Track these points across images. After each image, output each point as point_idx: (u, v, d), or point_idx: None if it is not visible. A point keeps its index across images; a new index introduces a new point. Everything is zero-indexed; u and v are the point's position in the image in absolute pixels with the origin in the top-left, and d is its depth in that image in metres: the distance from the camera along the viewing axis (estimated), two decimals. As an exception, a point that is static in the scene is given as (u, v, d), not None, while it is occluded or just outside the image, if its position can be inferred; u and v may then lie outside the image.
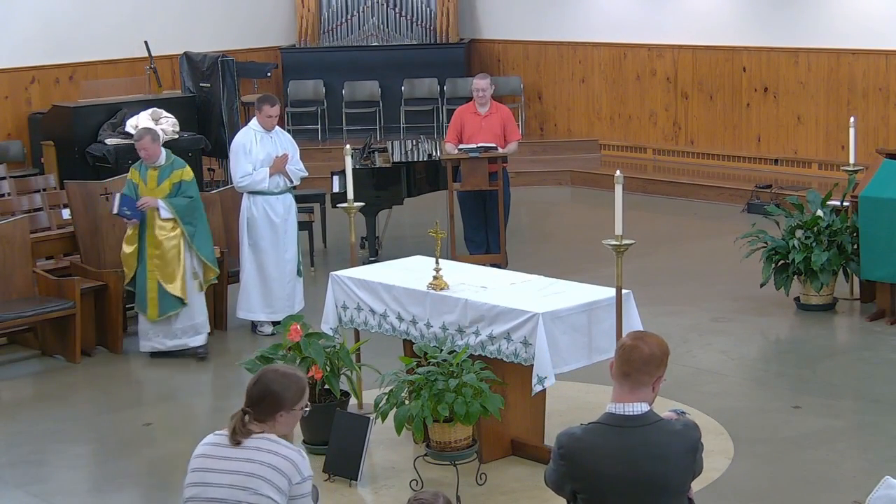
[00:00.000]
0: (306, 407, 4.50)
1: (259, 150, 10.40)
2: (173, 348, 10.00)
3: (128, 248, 9.96)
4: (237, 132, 11.17)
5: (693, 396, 8.71)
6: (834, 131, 15.24)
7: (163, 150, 9.98)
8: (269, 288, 10.49)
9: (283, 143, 10.57)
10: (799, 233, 10.57)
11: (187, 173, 9.98)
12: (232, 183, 10.74)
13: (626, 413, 4.27)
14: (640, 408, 4.28)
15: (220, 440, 4.55)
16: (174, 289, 9.87)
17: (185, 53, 15.39)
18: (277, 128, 10.63)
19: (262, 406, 4.43)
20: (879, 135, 14.79)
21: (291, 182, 10.59)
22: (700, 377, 9.19)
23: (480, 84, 12.22)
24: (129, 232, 9.95)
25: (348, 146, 8.91)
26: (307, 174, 10.75)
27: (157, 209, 9.83)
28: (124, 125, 14.29)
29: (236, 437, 4.45)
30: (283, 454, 4.40)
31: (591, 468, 4.26)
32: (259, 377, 4.47)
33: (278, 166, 10.40)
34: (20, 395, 9.53)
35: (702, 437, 4.41)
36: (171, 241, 9.89)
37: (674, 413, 4.53)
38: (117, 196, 9.88)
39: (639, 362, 4.27)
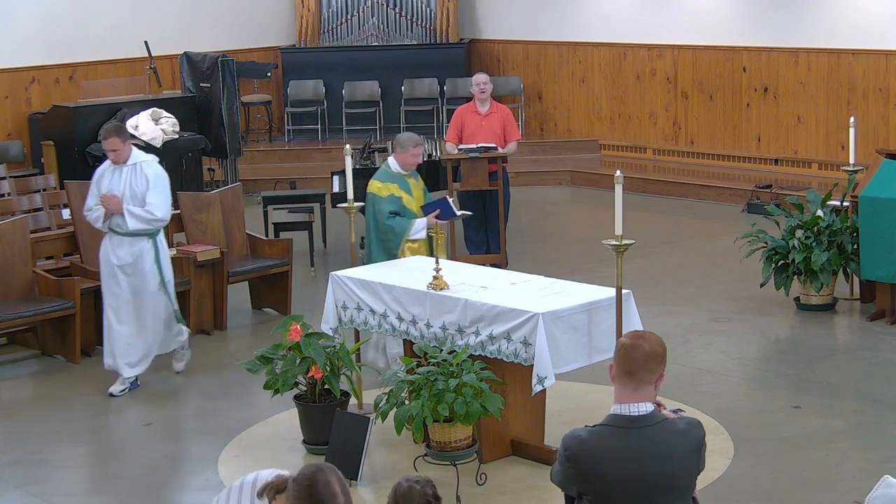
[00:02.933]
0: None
1: (104, 184, 9.09)
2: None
3: None
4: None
5: (693, 396, 8.71)
6: (834, 131, 15.24)
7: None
8: (110, 337, 9.23)
9: (134, 179, 9.03)
10: (799, 233, 10.57)
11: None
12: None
13: (631, 414, 4.27)
14: (644, 408, 4.28)
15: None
16: None
17: (185, 53, 15.39)
18: (140, 162, 9.10)
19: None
20: (879, 135, 14.79)
21: (148, 226, 9.08)
22: (700, 377, 9.19)
23: (480, 78, 12.24)
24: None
25: (348, 146, 8.92)
26: (159, 217, 9.06)
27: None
28: (124, 125, 14.30)
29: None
30: None
31: (597, 470, 4.26)
32: (309, 485, 3.78)
33: (106, 206, 9.00)
34: (20, 395, 9.52)
35: (705, 434, 4.40)
36: None
37: (672, 412, 4.52)
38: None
39: (641, 360, 4.26)
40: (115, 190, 9.01)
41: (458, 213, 9.59)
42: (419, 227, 9.21)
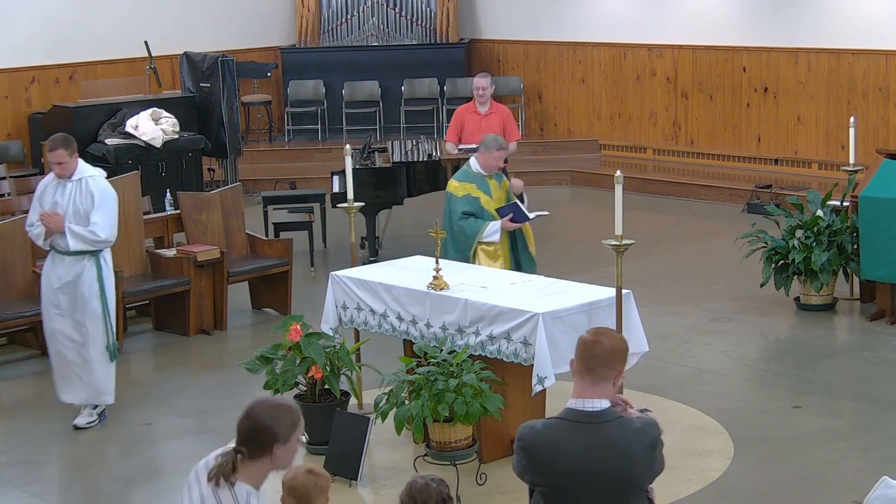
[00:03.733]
0: (303, 437, 4.21)
1: (47, 199, 8.45)
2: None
3: None
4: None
5: (693, 396, 8.72)
6: (834, 131, 15.24)
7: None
8: (54, 366, 8.66)
9: (79, 196, 8.38)
10: (799, 233, 10.57)
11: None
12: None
13: (587, 409, 4.28)
14: (600, 404, 4.29)
15: (196, 477, 4.21)
16: None
17: (185, 53, 15.40)
18: (86, 178, 8.47)
19: (254, 442, 4.09)
20: (879, 135, 14.79)
21: (91, 247, 8.39)
22: (700, 377, 9.19)
23: (480, 83, 12.22)
24: None
25: (348, 146, 8.91)
26: (103, 238, 8.38)
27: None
28: (124, 125, 14.31)
29: (218, 480, 4.09)
30: None
31: (550, 463, 4.29)
32: (248, 412, 4.13)
33: (47, 225, 8.35)
34: (20, 395, 9.52)
35: (661, 434, 4.37)
36: None
37: (639, 412, 4.53)
38: None
39: (601, 357, 4.28)
40: (58, 206, 8.32)
41: (532, 215, 9.26)
42: (492, 230, 9.05)
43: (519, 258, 9.30)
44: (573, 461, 4.25)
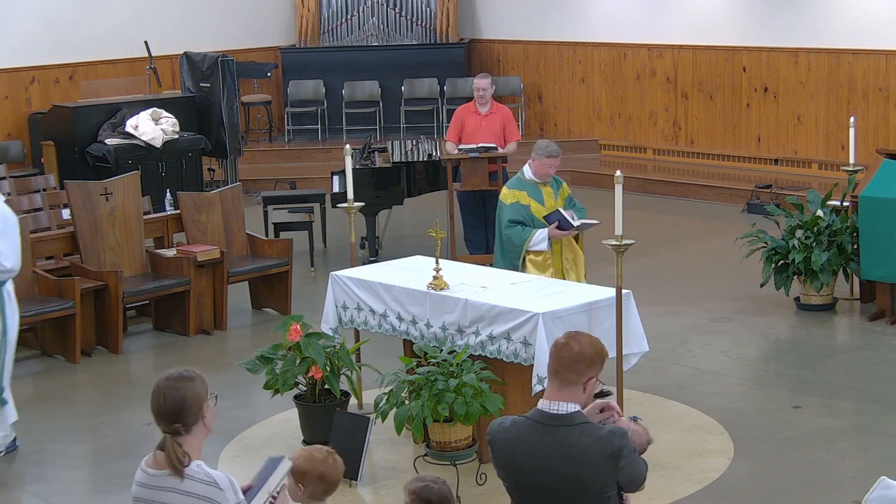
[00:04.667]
0: (215, 395, 4.36)
1: None
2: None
3: None
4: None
5: (693, 396, 8.71)
6: (834, 131, 15.24)
7: None
8: None
9: None
10: (799, 233, 10.57)
11: None
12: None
13: (552, 411, 4.31)
14: (567, 407, 4.29)
15: (145, 479, 4.35)
16: None
17: (185, 53, 15.40)
18: None
19: (184, 413, 4.26)
20: (879, 135, 14.79)
21: None
22: (700, 377, 9.19)
23: (481, 83, 12.23)
24: None
25: (348, 146, 8.91)
26: (8, 268, 7.89)
27: None
28: (124, 125, 14.31)
29: (179, 470, 4.24)
30: (198, 493, 4.20)
31: (511, 460, 4.34)
32: (163, 391, 4.32)
33: None
34: (20, 395, 9.50)
35: (628, 446, 4.31)
36: None
37: (628, 420, 4.54)
38: None
39: (567, 360, 4.30)
40: None
41: (576, 223, 9.01)
42: (539, 239, 8.89)
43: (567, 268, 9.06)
44: (531, 461, 4.29)
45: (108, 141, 14.14)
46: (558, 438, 4.26)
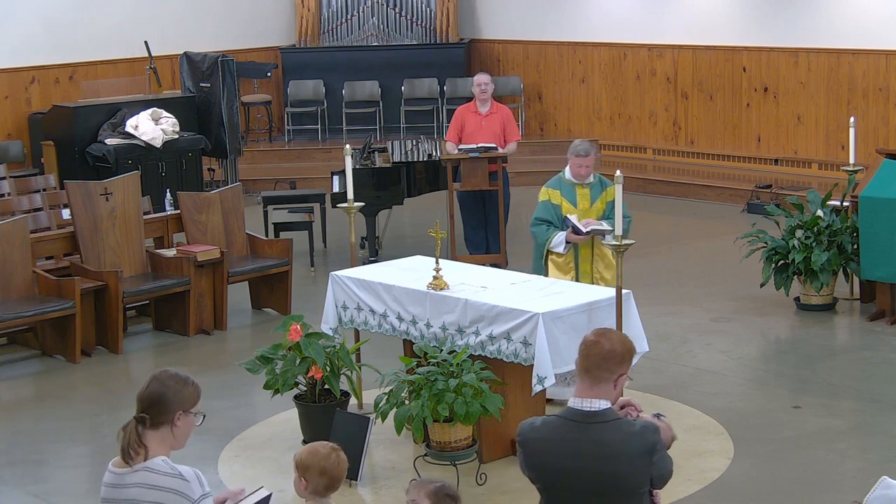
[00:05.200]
0: (202, 414, 4.33)
1: None
2: None
3: None
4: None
5: (693, 396, 8.72)
6: (834, 131, 15.24)
7: None
8: None
9: None
10: (799, 233, 10.57)
11: None
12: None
13: (584, 409, 4.30)
14: (598, 404, 4.30)
15: (112, 479, 4.29)
16: None
17: (185, 53, 15.40)
18: None
19: (158, 407, 4.19)
20: (879, 135, 14.79)
21: None
22: (700, 377, 9.19)
23: (482, 79, 12.24)
24: None
25: (348, 146, 8.91)
26: None
27: None
28: (124, 125, 14.31)
29: (129, 456, 4.19)
30: (163, 486, 4.17)
31: (543, 459, 4.32)
32: (152, 380, 4.24)
33: None
34: (20, 395, 9.53)
35: (660, 441, 4.34)
36: None
37: (651, 417, 4.53)
38: None
39: (598, 358, 4.30)
40: None
41: (585, 230, 8.68)
42: (558, 241, 8.76)
43: (592, 275, 8.80)
44: (564, 459, 4.28)
45: (108, 141, 14.14)
46: (593, 436, 4.26)
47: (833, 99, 15.28)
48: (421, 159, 12.80)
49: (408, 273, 8.32)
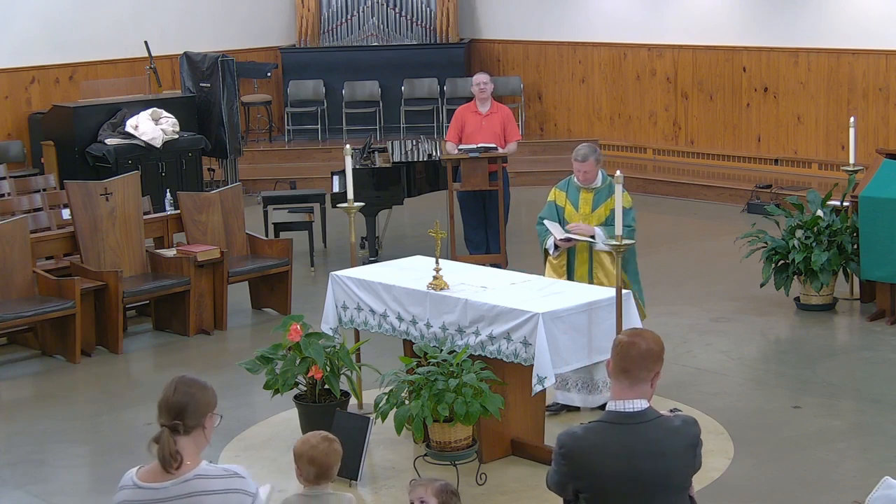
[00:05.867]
0: (220, 414, 4.30)
1: None
2: None
3: None
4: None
5: (693, 396, 8.71)
6: (834, 131, 15.24)
7: None
8: None
9: None
10: (799, 233, 10.57)
11: None
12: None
13: (626, 410, 4.29)
14: (639, 404, 4.30)
15: (146, 494, 4.17)
16: None
17: (185, 53, 15.40)
18: None
19: (189, 413, 4.15)
20: (879, 135, 14.79)
21: None
22: (700, 377, 9.19)
23: (481, 78, 12.23)
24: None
25: (348, 146, 8.91)
26: None
27: None
28: (124, 125, 14.31)
29: (171, 466, 4.10)
30: (223, 488, 4.12)
31: (593, 467, 4.27)
32: (177, 387, 4.21)
33: None
34: (20, 395, 9.53)
35: (700, 432, 4.40)
36: None
37: (668, 412, 4.53)
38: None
39: (637, 358, 4.29)
40: None
41: (559, 237, 8.55)
42: (549, 244, 8.65)
43: (591, 282, 8.59)
44: (616, 463, 4.24)
45: (108, 141, 14.14)
46: (641, 436, 4.26)
47: (833, 99, 15.28)
48: (421, 159, 12.80)
49: (408, 273, 8.32)
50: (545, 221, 8.71)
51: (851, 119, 11.55)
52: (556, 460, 4.34)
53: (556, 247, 8.57)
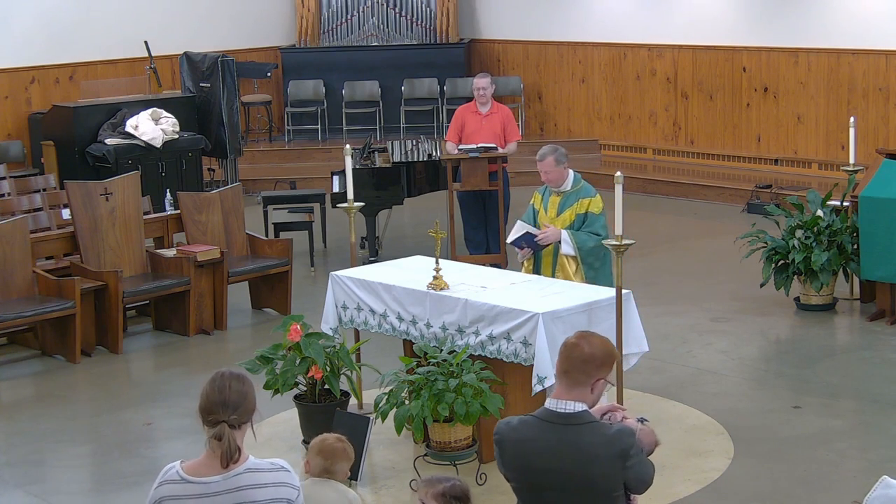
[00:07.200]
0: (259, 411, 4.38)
1: None
2: None
3: None
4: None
5: (693, 396, 8.71)
6: (834, 131, 15.24)
7: None
8: None
9: None
10: (799, 233, 10.57)
11: None
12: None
13: (560, 410, 4.31)
14: (574, 406, 4.30)
15: (197, 489, 4.23)
16: None
17: (185, 53, 15.40)
18: None
19: (244, 408, 4.22)
20: (879, 135, 14.79)
21: None
22: (700, 377, 9.19)
23: (480, 83, 12.23)
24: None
25: (348, 146, 8.91)
26: None
27: None
28: (124, 125, 14.31)
29: (232, 461, 4.16)
30: (273, 481, 4.18)
31: (520, 460, 4.33)
32: (227, 382, 4.27)
33: None
34: (20, 395, 9.53)
35: (635, 446, 4.32)
36: None
37: (635, 421, 4.54)
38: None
39: (577, 361, 4.30)
40: None
41: (511, 238, 8.74)
42: (510, 239, 8.78)
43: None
44: (543, 460, 4.28)
45: (108, 141, 14.14)
46: (568, 437, 4.27)
47: (833, 99, 15.28)
48: (421, 159, 12.80)
49: (408, 273, 8.32)
50: (518, 221, 8.83)
51: (851, 119, 11.55)
52: (495, 446, 4.43)
53: (520, 247, 8.63)
